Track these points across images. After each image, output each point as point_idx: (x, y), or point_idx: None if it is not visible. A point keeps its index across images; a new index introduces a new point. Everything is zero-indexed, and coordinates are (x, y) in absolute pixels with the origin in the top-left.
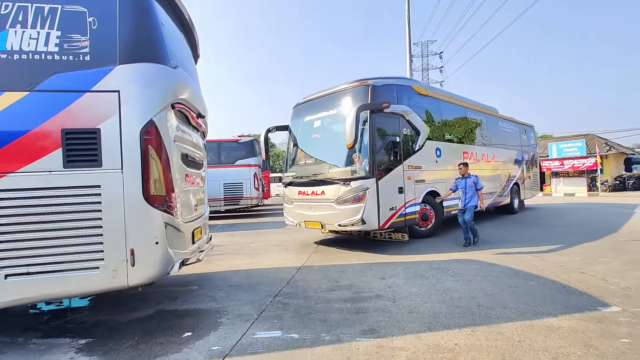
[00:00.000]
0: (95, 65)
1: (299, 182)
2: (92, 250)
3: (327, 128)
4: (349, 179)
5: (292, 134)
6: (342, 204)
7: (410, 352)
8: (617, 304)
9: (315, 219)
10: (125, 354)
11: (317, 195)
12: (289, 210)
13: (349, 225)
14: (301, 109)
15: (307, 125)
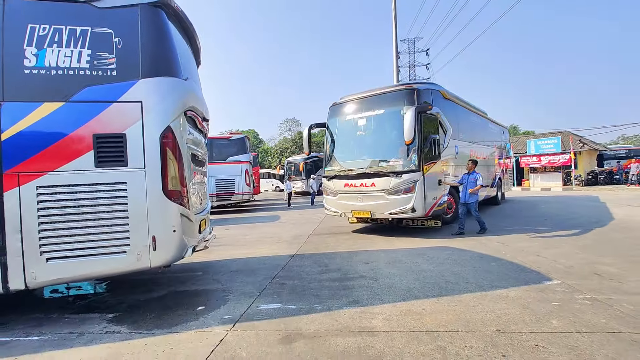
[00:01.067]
0: (121, 79)
1: (346, 175)
2: (120, 237)
3: (375, 126)
4: (401, 171)
5: (331, 131)
6: (393, 194)
7: (385, 316)
8: (558, 279)
9: (364, 208)
10: (150, 323)
11: (366, 186)
12: (332, 202)
13: (399, 213)
14: (342, 108)
15: (350, 123)
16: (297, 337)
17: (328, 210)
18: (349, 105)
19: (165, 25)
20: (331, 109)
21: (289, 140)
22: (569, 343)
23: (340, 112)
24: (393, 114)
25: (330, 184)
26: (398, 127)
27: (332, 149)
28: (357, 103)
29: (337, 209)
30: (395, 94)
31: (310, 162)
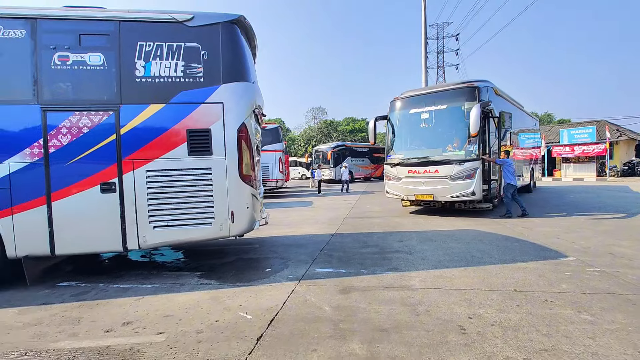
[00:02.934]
0: (207, 85)
1: (410, 163)
2: (206, 211)
3: (437, 119)
4: (464, 160)
5: (393, 123)
6: (456, 180)
7: (421, 278)
8: (574, 256)
9: (427, 192)
10: (232, 279)
11: (430, 173)
12: (395, 186)
13: (460, 197)
14: (404, 103)
15: (413, 116)
16: (351, 290)
17: (390, 194)
18: (412, 100)
19: (239, 39)
20: (393, 103)
21: (314, 128)
22: (572, 299)
23: (403, 106)
24: (455, 108)
25: (393, 170)
26: (460, 120)
27: (395, 139)
28: (420, 98)
29: (400, 192)
30: (458, 91)
31: (337, 151)
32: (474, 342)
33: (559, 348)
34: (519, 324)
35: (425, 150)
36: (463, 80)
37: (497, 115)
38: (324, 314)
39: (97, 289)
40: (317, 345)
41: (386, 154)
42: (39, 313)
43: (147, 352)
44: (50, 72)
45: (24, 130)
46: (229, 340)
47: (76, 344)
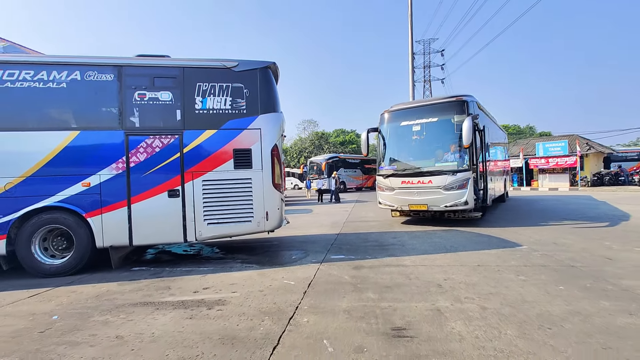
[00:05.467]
0: (248, 115)
1: (403, 174)
2: (247, 211)
3: (428, 131)
4: (456, 170)
5: (384, 135)
6: (449, 190)
7: (411, 260)
8: (527, 245)
9: (420, 202)
10: (268, 263)
11: (423, 183)
12: (389, 197)
13: (454, 206)
14: (395, 116)
15: (405, 129)
16: (361, 267)
17: (382, 204)
18: (402, 112)
19: (271, 79)
20: (383, 116)
21: (306, 140)
22: (516, 269)
23: (393, 118)
24: (446, 121)
25: (386, 181)
26: (450, 132)
27: (387, 151)
28: (410, 111)
29: (393, 203)
30: (448, 105)
31: (331, 162)
32: (447, 291)
33: (500, 292)
34: (477, 282)
35: (418, 161)
36: (450, 95)
37: (482, 129)
38: (344, 280)
39: (166, 271)
40: (345, 295)
41: (378, 165)
42: (134, 285)
43: (231, 301)
44: (131, 105)
45: (111, 149)
46: (284, 294)
47: (179, 298)
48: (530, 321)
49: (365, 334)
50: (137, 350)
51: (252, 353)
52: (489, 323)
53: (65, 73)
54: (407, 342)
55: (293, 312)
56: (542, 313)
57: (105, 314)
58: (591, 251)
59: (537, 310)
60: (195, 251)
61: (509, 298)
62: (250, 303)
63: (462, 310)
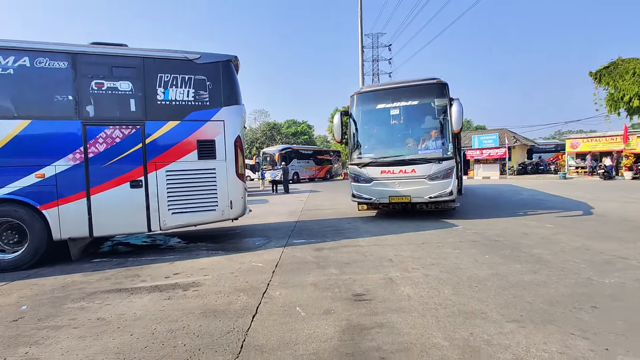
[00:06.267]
0: (212, 107)
1: (383, 162)
2: (212, 200)
3: (408, 115)
4: (441, 158)
5: (357, 119)
6: (434, 179)
7: (366, 241)
8: (463, 225)
9: (403, 194)
10: (234, 250)
11: (406, 173)
12: (365, 189)
13: (439, 197)
14: (370, 97)
15: (381, 112)
16: (322, 249)
17: (358, 198)
18: (378, 94)
19: (234, 72)
20: (356, 97)
21: (257, 130)
22: (453, 245)
23: (368, 100)
24: (426, 105)
25: (363, 171)
26: (432, 116)
27: (361, 137)
28: (386, 93)
29: (371, 195)
30: (427, 87)
31: (284, 153)
32: (397, 264)
33: (439, 262)
34: (421, 256)
35: (399, 148)
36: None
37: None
38: (308, 260)
39: (130, 261)
40: (310, 272)
41: (350, 153)
42: (100, 274)
43: (205, 282)
44: (88, 94)
45: (66, 139)
46: (255, 274)
47: (152, 284)
48: (462, 282)
49: (331, 300)
50: (123, 328)
51: (234, 321)
52: (431, 285)
53: (12, 59)
54: (367, 303)
55: (265, 288)
56: (471, 276)
57: (79, 301)
58: (512, 228)
59: (468, 274)
60: (156, 241)
61: (447, 266)
62: (224, 283)
63: (410, 278)
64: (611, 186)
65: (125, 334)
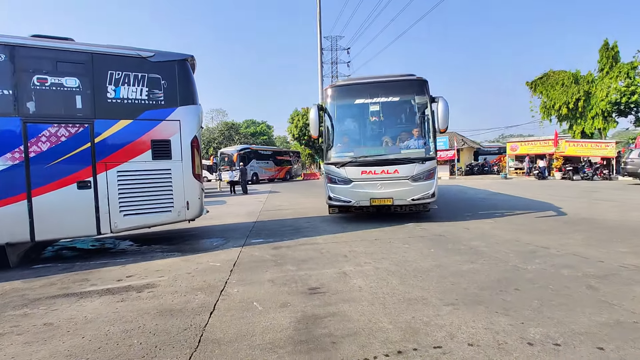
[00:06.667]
0: (167, 106)
1: (363, 162)
2: (167, 201)
3: (391, 112)
4: (424, 158)
5: (334, 115)
6: (417, 180)
7: (323, 238)
8: (412, 222)
9: (385, 195)
10: (191, 251)
11: (388, 173)
12: (344, 191)
13: (421, 199)
14: (347, 92)
15: (360, 108)
16: (280, 247)
17: (335, 200)
18: (355, 89)
19: (190, 72)
20: (332, 91)
21: (215, 130)
22: (403, 240)
23: (346, 95)
24: (406, 102)
25: (341, 171)
26: (412, 114)
27: (339, 134)
28: (365, 88)
29: (351, 197)
30: (408, 83)
31: (243, 153)
32: (351, 259)
33: (389, 256)
34: (374, 251)
35: (380, 147)
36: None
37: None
38: (266, 258)
39: (77, 265)
40: (267, 269)
41: (326, 152)
42: (44, 280)
43: (160, 284)
44: (29, 90)
45: (4, 137)
46: (212, 273)
47: (103, 287)
48: (408, 273)
49: (288, 294)
50: (74, 331)
51: (192, 318)
52: (380, 277)
53: None
54: (321, 295)
55: (223, 286)
56: (417, 267)
57: (21, 308)
58: (456, 225)
59: (414, 266)
60: (106, 245)
61: (396, 260)
62: (180, 283)
63: (362, 271)
64: (544, 185)
65: (76, 337)
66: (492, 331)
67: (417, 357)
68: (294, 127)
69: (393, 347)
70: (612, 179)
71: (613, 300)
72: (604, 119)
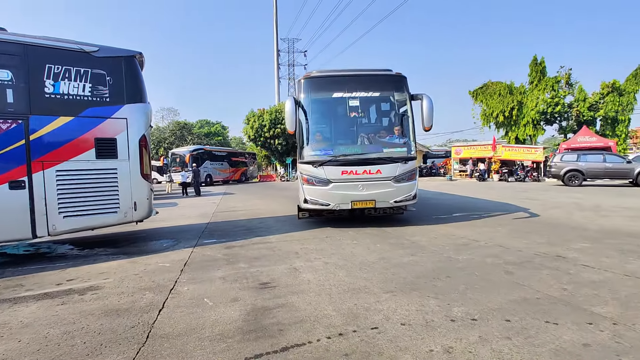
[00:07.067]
0: (113, 104)
1: (344, 161)
2: (112, 202)
3: (369, 108)
4: (407, 158)
5: (308, 109)
6: (400, 181)
7: (275, 237)
8: (362, 221)
9: (367, 197)
10: (138, 253)
11: (370, 174)
12: (323, 193)
13: (403, 201)
14: (321, 84)
15: (338, 102)
16: (233, 247)
17: (312, 204)
18: (335, 80)
19: (138, 69)
20: (308, 82)
21: (166, 129)
22: (352, 237)
23: (321, 88)
24: (385, 98)
25: (319, 171)
26: (392, 111)
27: (314, 131)
28: (346, 80)
29: (329, 200)
30: (386, 78)
31: (196, 154)
32: (302, 256)
33: (338, 252)
34: (324, 248)
35: (361, 146)
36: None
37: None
38: (218, 257)
39: (9, 271)
40: (219, 267)
41: (300, 150)
42: None
43: (105, 286)
44: None
45: None
46: (162, 273)
47: (40, 292)
48: (355, 267)
49: (239, 290)
50: (8, 336)
51: (139, 317)
52: (329, 271)
53: None
54: (271, 289)
55: (173, 285)
56: (363, 261)
57: None
58: (400, 221)
59: (360, 259)
60: (41, 249)
61: (344, 255)
62: (127, 284)
63: (312, 266)
64: (483, 186)
65: (11, 341)
66: (422, 312)
67: (355, 337)
68: (249, 128)
69: (335, 330)
70: (541, 180)
71: (524, 282)
72: (534, 127)
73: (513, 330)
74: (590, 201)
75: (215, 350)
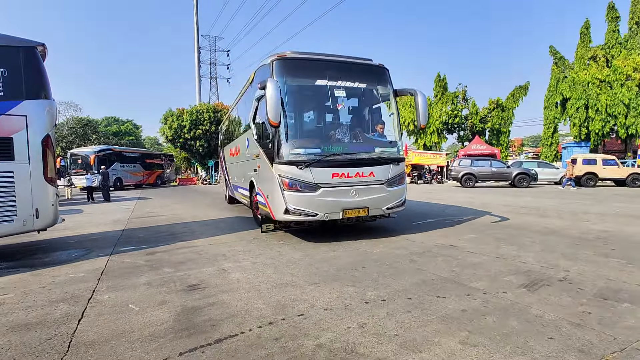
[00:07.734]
0: (8, 99)
1: (335, 162)
2: (8, 209)
3: (358, 101)
4: (399, 159)
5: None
6: (392, 185)
7: (201, 241)
8: None
9: (360, 204)
10: (42, 265)
11: (363, 177)
12: (308, 200)
13: (394, 208)
14: (298, 67)
15: (321, 91)
16: (155, 253)
17: (297, 214)
18: (316, 65)
19: (40, 61)
20: (282, 64)
21: (63, 126)
22: (279, 237)
23: (302, 71)
24: (370, 91)
25: (305, 174)
26: (377, 105)
27: (294, 125)
28: (328, 65)
29: (318, 210)
30: (370, 68)
31: (102, 156)
32: (230, 257)
33: (266, 252)
34: (251, 249)
35: (352, 144)
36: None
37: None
38: (140, 264)
39: None
40: (142, 274)
41: (278, 148)
42: None
43: (6, 301)
44: None
45: None
46: (75, 284)
47: None
48: (281, 264)
49: (166, 294)
50: None
51: (55, 328)
52: (257, 270)
53: None
54: (201, 291)
55: (91, 294)
56: (289, 259)
57: None
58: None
59: (287, 258)
60: None
61: (271, 254)
62: (33, 298)
63: (240, 267)
64: None
65: None
66: (341, 298)
67: (284, 324)
68: (167, 129)
69: (265, 320)
70: (444, 182)
71: (423, 268)
72: (438, 135)
73: (412, 305)
74: (479, 199)
75: (147, 349)
